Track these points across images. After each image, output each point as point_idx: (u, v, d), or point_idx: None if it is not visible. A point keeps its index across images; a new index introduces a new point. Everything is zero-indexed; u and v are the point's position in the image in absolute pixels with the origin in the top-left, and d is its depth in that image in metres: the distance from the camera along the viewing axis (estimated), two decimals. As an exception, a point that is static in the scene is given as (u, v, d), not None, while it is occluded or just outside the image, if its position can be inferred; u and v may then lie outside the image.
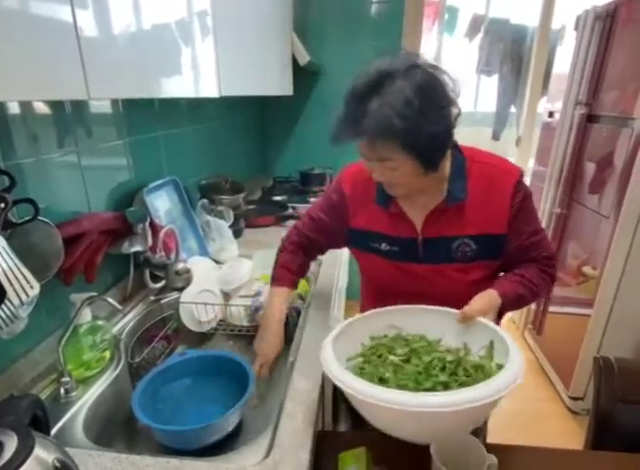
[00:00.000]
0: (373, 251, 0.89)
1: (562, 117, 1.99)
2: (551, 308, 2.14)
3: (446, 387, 0.63)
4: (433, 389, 0.63)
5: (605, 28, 1.75)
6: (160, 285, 1.07)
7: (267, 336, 0.94)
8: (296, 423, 0.69)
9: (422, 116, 0.68)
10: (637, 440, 0.83)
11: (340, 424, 1.10)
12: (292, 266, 1.00)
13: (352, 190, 0.91)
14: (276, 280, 1.00)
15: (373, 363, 0.70)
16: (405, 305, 0.78)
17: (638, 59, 1.58)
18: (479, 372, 0.65)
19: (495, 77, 2.97)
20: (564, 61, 2.08)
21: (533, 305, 2.22)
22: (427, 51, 3.05)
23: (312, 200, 2.03)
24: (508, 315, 0.85)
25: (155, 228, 1.00)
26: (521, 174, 0.83)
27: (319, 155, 2.57)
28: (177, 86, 0.82)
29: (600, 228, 1.74)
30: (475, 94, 3.34)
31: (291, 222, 1.70)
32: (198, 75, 0.88)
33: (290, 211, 1.80)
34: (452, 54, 3.13)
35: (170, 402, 0.91)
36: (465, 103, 3.29)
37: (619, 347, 1.76)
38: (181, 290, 1.07)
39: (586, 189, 1.92)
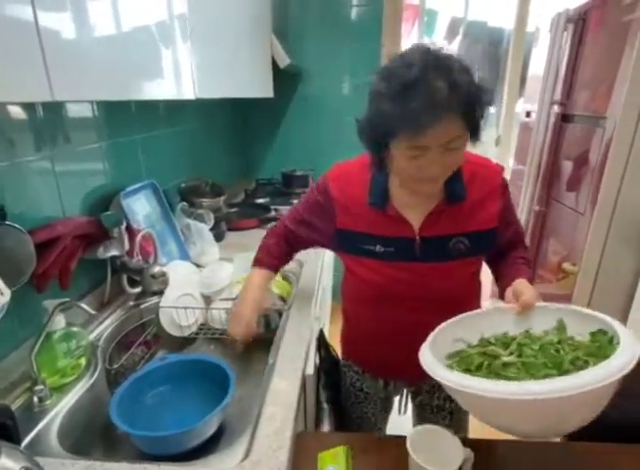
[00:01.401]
0: (366, 253, 0.88)
1: (538, 117, 2.04)
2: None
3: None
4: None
5: (577, 31, 1.80)
6: (138, 290, 1.05)
7: (239, 308, 0.95)
8: (275, 424, 0.69)
9: (481, 89, 0.69)
10: (614, 429, 0.84)
11: (322, 425, 1.10)
12: (274, 252, 1.01)
13: (340, 192, 0.89)
14: (257, 262, 1.01)
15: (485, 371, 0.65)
16: (461, 315, 0.76)
17: (609, 60, 1.63)
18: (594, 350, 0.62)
19: (474, 79, 3.02)
20: (539, 62, 2.13)
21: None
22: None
23: (295, 201, 2.03)
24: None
25: (131, 232, 0.99)
26: (502, 170, 0.89)
27: (302, 156, 2.58)
28: (150, 88, 0.81)
29: (578, 225, 1.78)
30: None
31: (273, 225, 1.70)
32: (172, 77, 0.87)
33: (272, 213, 1.80)
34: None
35: (151, 408, 0.90)
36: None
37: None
38: (158, 293, 1.06)
39: (564, 187, 1.96)
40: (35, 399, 0.76)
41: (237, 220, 1.69)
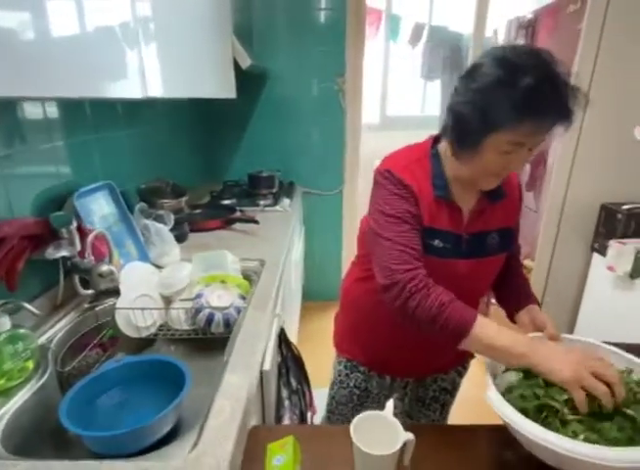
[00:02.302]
0: (426, 249, 0.82)
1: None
2: (493, 300, 2.25)
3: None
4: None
5: (528, 35, 1.89)
6: (91, 291, 1.04)
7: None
8: (223, 416, 0.70)
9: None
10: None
11: (283, 421, 1.11)
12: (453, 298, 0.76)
13: (414, 182, 0.82)
14: (468, 324, 0.72)
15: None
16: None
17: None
18: None
19: (438, 82, 3.11)
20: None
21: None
22: (374, 57, 3.15)
23: (262, 202, 2.05)
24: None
25: (83, 233, 0.98)
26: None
27: (270, 158, 2.60)
28: (95, 86, 0.80)
29: (536, 224, 1.87)
30: (422, 99, 3.48)
31: (238, 225, 1.70)
32: (118, 75, 0.87)
33: (237, 213, 1.80)
34: (398, 60, 3.25)
35: (107, 410, 0.89)
36: (413, 107, 3.39)
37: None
38: (112, 294, 1.05)
39: (524, 187, 2.04)
40: (-22, 402, 0.74)
41: (201, 221, 1.68)
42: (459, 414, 1.23)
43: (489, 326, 0.71)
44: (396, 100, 3.42)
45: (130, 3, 0.88)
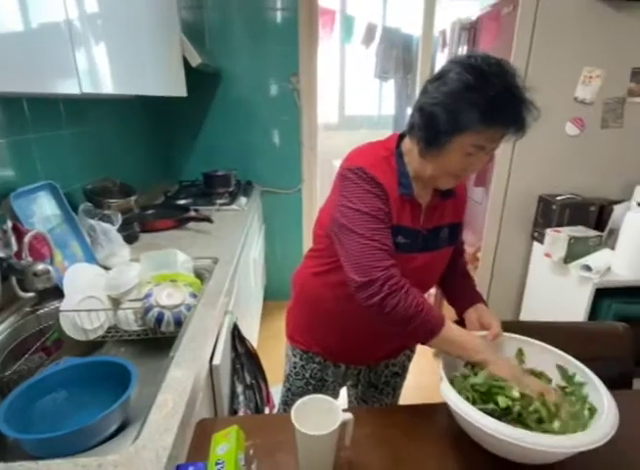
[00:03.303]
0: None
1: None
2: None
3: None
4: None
5: (470, 37, 1.98)
6: (32, 294, 1.01)
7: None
8: (165, 410, 0.70)
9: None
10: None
11: (238, 415, 1.12)
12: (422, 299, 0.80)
13: (385, 181, 0.84)
14: (437, 326, 0.78)
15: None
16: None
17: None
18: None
19: (392, 82, 3.19)
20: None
21: (433, 290, 2.42)
22: (329, 57, 3.19)
23: (218, 201, 2.03)
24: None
25: (20, 233, 0.95)
26: None
27: (227, 157, 2.59)
28: (22, 81, 0.78)
29: (484, 217, 1.96)
30: (378, 98, 3.56)
31: (192, 225, 1.69)
32: (51, 71, 0.84)
33: (191, 213, 1.79)
34: (353, 60, 3.31)
35: (52, 414, 0.87)
36: (369, 107, 3.44)
37: (500, 315, 1.99)
38: (50, 295, 1.02)
39: (472, 183, 2.14)
40: None
41: (153, 221, 1.65)
42: (409, 398, 1.29)
43: (454, 328, 0.80)
44: (354, 100, 3.48)
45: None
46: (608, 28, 1.62)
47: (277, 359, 1.44)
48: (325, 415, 0.69)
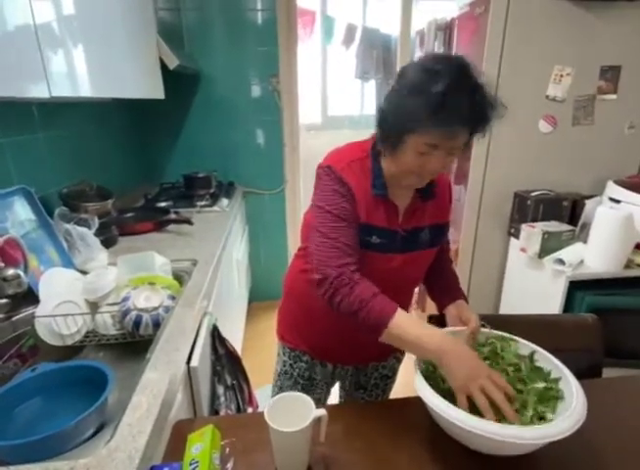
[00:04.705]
0: (365, 245, 0.86)
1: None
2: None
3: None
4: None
5: (445, 37, 2.01)
6: (5, 300, 1.00)
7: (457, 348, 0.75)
8: (139, 412, 0.70)
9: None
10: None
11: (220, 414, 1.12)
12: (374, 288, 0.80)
13: (353, 180, 0.85)
14: (387, 316, 0.76)
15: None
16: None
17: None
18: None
19: (373, 82, 3.22)
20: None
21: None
22: (311, 58, 3.20)
23: (199, 203, 2.03)
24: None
25: (-9, 239, 0.94)
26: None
27: (208, 159, 2.58)
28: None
29: (463, 214, 1.99)
30: (360, 98, 3.58)
31: (172, 227, 1.68)
32: (13, 73, 0.83)
33: (172, 215, 1.78)
34: (335, 61, 3.32)
35: (26, 420, 0.86)
36: (351, 107, 3.46)
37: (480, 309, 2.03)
38: (23, 300, 1.01)
39: (452, 181, 2.17)
40: None
41: (132, 224, 1.64)
42: (400, 395, 1.29)
43: (406, 322, 0.75)
44: (337, 100, 3.50)
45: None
46: (577, 28, 1.67)
47: (263, 360, 1.44)
48: (299, 412, 0.71)
